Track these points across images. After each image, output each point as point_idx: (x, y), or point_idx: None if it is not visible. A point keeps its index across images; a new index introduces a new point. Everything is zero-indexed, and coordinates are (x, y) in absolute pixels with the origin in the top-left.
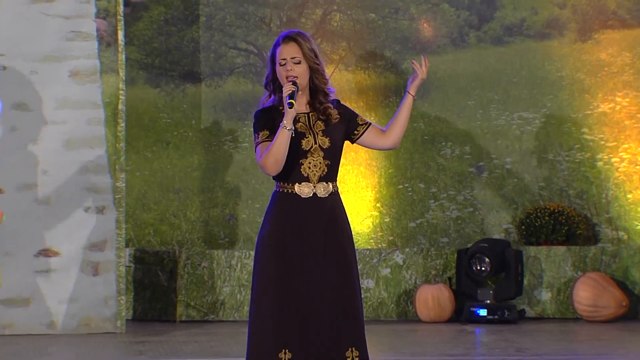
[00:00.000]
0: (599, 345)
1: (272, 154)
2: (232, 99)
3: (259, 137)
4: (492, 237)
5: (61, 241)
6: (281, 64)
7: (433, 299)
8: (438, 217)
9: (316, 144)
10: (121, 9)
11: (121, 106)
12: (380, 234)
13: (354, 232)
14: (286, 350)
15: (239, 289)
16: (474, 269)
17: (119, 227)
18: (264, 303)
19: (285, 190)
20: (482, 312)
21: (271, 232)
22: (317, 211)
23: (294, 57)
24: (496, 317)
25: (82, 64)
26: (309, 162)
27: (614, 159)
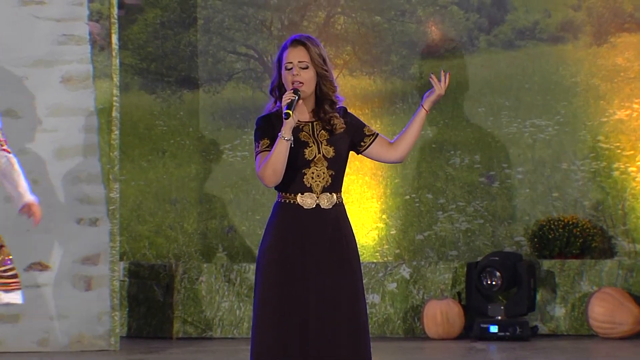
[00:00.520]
0: None
1: (270, 165)
2: (231, 105)
3: (259, 147)
4: (503, 250)
5: (52, 254)
6: (287, 68)
7: (441, 314)
8: (447, 229)
9: (320, 153)
10: (115, 11)
11: (115, 113)
12: (386, 246)
13: (358, 245)
14: None
15: (239, 305)
16: (484, 283)
17: (112, 239)
18: (266, 312)
19: (287, 201)
20: (493, 329)
21: (273, 244)
22: (320, 223)
23: (301, 61)
24: (508, 333)
25: (74, 69)
26: (312, 172)
27: (630, 169)
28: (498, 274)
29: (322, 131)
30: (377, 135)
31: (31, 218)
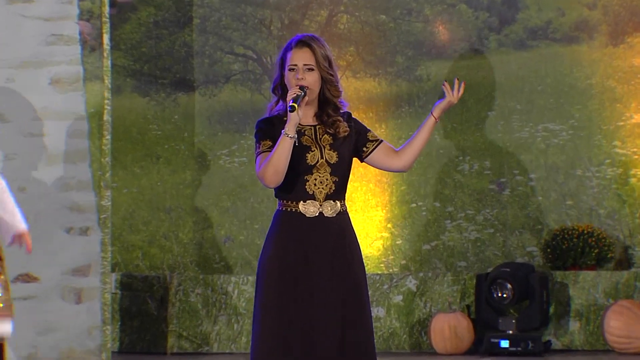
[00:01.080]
0: None
1: (272, 164)
2: (229, 109)
3: (260, 147)
4: (514, 260)
5: (41, 265)
6: (291, 69)
7: (450, 328)
8: (455, 239)
9: (322, 158)
10: (106, 10)
11: (107, 117)
12: (391, 257)
13: (362, 256)
14: None
15: (236, 318)
16: (494, 296)
17: (104, 250)
18: (266, 323)
19: (289, 209)
20: (504, 344)
21: (274, 254)
22: (324, 232)
23: (306, 64)
24: (519, 348)
25: (63, 71)
26: (315, 179)
27: None
28: (509, 286)
29: (325, 135)
30: (381, 141)
31: (23, 246)
